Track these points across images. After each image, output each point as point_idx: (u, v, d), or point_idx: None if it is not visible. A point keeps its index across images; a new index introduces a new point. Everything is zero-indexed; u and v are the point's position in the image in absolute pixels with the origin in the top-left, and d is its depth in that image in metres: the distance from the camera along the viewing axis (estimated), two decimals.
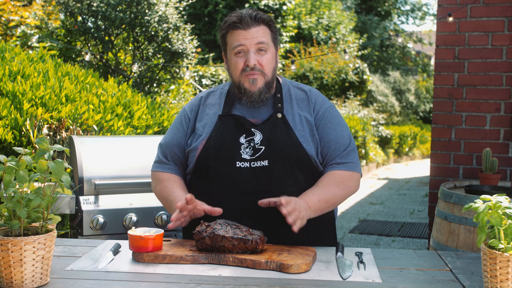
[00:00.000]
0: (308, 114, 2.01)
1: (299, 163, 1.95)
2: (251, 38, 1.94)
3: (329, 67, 13.40)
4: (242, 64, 1.96)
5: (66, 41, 8.34)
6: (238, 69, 1.97)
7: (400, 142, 14.97)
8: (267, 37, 1.97)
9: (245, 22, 1.94)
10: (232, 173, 1.92)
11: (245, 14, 1.96)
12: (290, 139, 1.94)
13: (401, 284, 1.56)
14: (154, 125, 4.43)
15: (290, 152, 1.93)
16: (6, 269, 1.45)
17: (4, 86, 4.07)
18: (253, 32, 1.94)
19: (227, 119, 1.99)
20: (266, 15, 2.01)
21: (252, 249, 1.71)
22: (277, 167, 1.92)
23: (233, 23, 1.95)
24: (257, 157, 1.92)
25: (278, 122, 1.97)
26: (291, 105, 2.03)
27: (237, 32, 1.95)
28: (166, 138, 2.11)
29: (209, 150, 1.95)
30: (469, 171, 4.10)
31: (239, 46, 1.94)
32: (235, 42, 1.95)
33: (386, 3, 23.58)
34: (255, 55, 1.94)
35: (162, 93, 8.14)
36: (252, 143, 1.94)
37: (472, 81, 4.07)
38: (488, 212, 1.41)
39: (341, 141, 2.00)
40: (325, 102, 2.07)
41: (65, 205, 2.74)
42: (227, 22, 1.98)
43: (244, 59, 1.95)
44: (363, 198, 8.51)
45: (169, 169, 2.07)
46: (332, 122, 2.03)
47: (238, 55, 1.96)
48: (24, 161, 1.49)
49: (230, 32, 1.97)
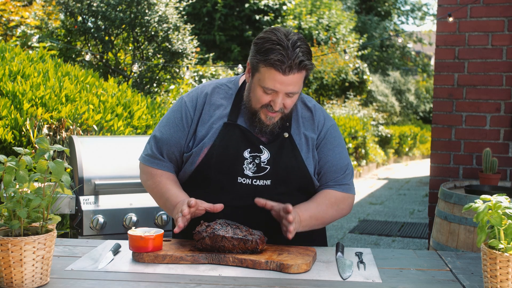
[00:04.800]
0: (312, 133, 1.96)
1: (302, 185, 1.93)
2: (286, 85, 1.77)
3: (329, 67, 13.40)
4: (266, 101, 1.82)
5: (66, 41, 8.34)
6: (259, 103, 1.83)
7: (400, 142, 14.97)
8: (301, 81, 1.81)
9: (288, 68, 1.74)
10: (232, 187, 1.88)
11: (291, 58, 1.73)
12: (296, 160, 1.91)
13: (401, 284, 1.56)
14: (154, 125, 4.43)
15: (295, 174, 1.90)
16: (6, 269, 1.45)
17: (4, 86, 4.07)
18: (290, 80, 1.76)
19: (233, 129, 1.89)
20: (306, 53, 1.78)
21: (252, 249, 1.71)
22: (280, 187, 1.90)
23: (275, 62, 1.74)
24: (261, 176, 1.88)
25: (285, 142, 1.91)
26: (297, 124, 1.96)
27: (273, 72, 1.75)
28: (163, 133, 1.96)
29: (211, 160, 1.88)
30: (469, 171, 4.10)
31: (269, 89, 1.79)
32: (269, 82, 1.77)
33: (386, 3, 23.58)
34: (283, 100, 1.81)
35: (162, 93, 8.14)
36: (257, 160, 1.88)
37: (472, 81, 4.07)
38: (488, 212, 1.41)
39: (339, 163, 1.98)
40: (327, 121, 2.01)
41: (65, 205, 2.74)
42: (269, 55, 1.74)
43: (270, 97, 1.81)
44: (363, 198, 8.51)
45: (164, 167, 1.97)
46: (332, 143, 1.99)
47: (265, 91, 1.80)
48: (24, 161, 1.49)
49: (268, 66, 1.76)
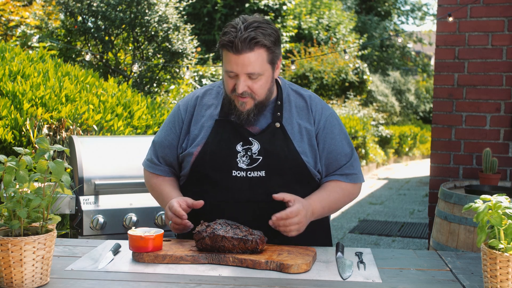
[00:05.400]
0: (307, 123, 1.95)
1: (297, 175, 1.91)
2: (242, 66, 1.79)
3: (329, 67, 13.40)
4: (232, 86, 1.85)
5: (66, 41, 8.34)
6: (228, 89, 1.87)
7: (400, 142, 14.97)
8: (261, 61, 1.80)
9: (236, 46, 1.76)
10: (227, 181, 1.88)
11: (239, 36, 1.76)
12: (288, 150, 1.89)
13: (401, 284, 1.56)
14: (154, 125, 4.43)
15: (288, 163, 1.89)
16: (6, 269, 1.45)
17: (4, 86, 4.07)
18: (245, 59, 1.78)
19: (224, 124, 1.92)
20: (263, 34, 1.79)
21: (252, 249, 1.71)
22: (274, 178, 1.89)
23: (225, 44, 1.78)
24: (254, 167, 1.88)
25: (276, 132, 1.91)
26: (290, 114, 1.95)
27: (228, 54, 1.80)
28: (159, 136, 2.05)
29: (205, 157, 1.90)
30: (469, 171, 4.10)
31: (230, 72, 1.82)
32: (227, 64, 1.82)
33: (386, 3, 23.58)
34: (246, 82, 1.81)
35: (162, 93, 8.14)
36: (249, 152, 1.88)
37: (472, 81, 4.07)
38: (488, 212, 1.41)
39: (342, 151, 1.98)
40: (325, 110, 1.99)
41: (65, 205, 2.74)
42: (221, 39, 1.80)
43: (234, 81, 1.83)
44: (363, 198, 8.51)
45: (159, 171, 2.05)
46: (333, 131, 1.98)
47: (228, 74, 1.84)
48: (24, 161, 1.49)
49: (224, 50, 1.82)
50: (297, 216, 1.78)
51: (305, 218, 1.82)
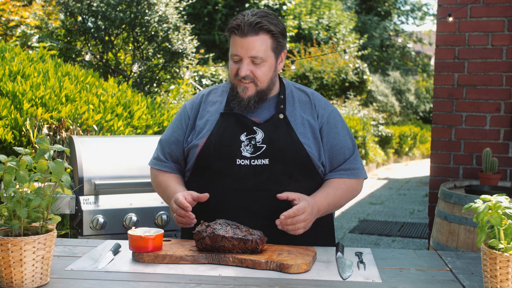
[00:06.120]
0: (311, 117, 2.01)
1: (300, 164, 1.95)
2: (246, 49, 1.89)
3: (329, 67, 13.40)
4: (235, 70, 1.94)
5: (66, 41, 8.34)
6: (232, 74, 1.96)
7: (400, 142, 14.97)
8: (266, 47, 1.91)
9: (242, 30, 1.88)
10: (232, 170, 1.93)
11: (245, 20, 1.88)
12: (291, 139, 1.94)
13: (401, 284, 1.56)
14: (154, 125, 4.43)
15: (291, 152, 1.93)
16: (6, 269, 1.45)
17: (4, 86, 4.07)
18: (250, 42, 1.88)
19: (228, 117, 1.98)
20: (270, 22, 1.91)
21: (252, 249, 1.71)
22: (278, 166, 1.93)
23: (232, 27, 1.91)
24: (258, 155, 1.92)
25: (279, 123, 1.96)
26: (293, 107, 2.02)
27: (235, 38, 1.91)
28: (165, 135, 2.12)
29: (209, 147, 1.95)
30: (469, 171, 4.10)
31: (234, 55, 1.92)
32: (232, 48, 1.93)
33: (386, 3, 23.58)
34: (249, 66, 1.91)
35: (162, 93, 8.14)
36: (253, 141, 1.94)
37: (472, 81, 4.07)
38: (488, 212, 1.41)
39: (345, 146, 2.03)
40: (327, 106, 2.06)
41: (65, 205, 2.74)
42: (230, 23, 1.94)
43: (238, 66, 1.93)
44: (363, 198, 8.51)
45: (166, 167, 2.08)
46: (336, 126, 2.04)
47: (234, 60, 1.94)
48: (24, 161, 1.49)
49: (231, 35, 1.93)
50: (304, 214, 1.80)
51: (311, 215, 1.84)
